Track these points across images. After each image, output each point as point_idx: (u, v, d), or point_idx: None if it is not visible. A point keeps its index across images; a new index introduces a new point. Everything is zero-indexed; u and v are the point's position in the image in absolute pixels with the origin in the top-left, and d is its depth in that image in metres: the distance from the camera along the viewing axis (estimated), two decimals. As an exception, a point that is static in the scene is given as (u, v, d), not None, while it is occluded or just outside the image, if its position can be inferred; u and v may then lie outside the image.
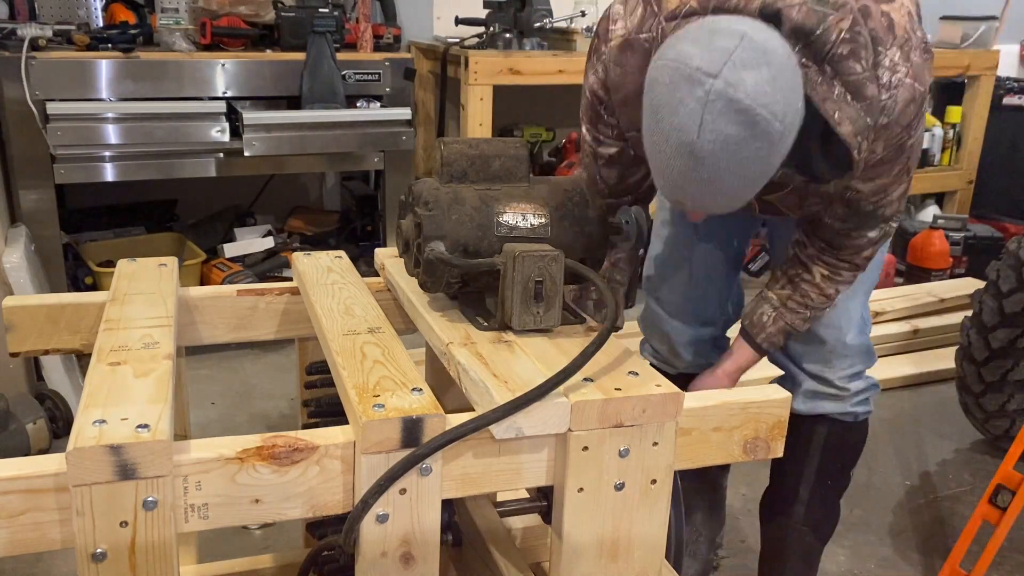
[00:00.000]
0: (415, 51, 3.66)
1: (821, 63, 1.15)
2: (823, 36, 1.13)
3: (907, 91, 1.23)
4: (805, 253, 1.51)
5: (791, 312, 1.54)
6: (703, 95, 1.04)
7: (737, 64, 1.04)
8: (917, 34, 1.25)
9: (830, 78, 1.15)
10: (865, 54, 1.16)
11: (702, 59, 1.04)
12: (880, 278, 1.76)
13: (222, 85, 2.93)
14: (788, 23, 1.13)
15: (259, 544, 2.13)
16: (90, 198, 3.38)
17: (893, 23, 1.22)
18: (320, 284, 1.40)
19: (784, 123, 1.07)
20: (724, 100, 1.03)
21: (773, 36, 1.10)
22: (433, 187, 1.23)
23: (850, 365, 1.68)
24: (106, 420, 0.93)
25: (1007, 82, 4.41)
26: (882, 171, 1.32)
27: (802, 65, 1.13)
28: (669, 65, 1.08)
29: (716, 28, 1.08)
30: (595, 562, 1.09)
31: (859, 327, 1.67)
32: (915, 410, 2.97)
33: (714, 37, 1.06)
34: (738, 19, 1.11)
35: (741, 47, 1.04)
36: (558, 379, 1.02)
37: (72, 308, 1.36)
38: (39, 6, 3.18)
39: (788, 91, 1.07)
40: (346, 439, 0.98)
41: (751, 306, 1.61)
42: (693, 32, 1.10)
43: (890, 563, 2.16)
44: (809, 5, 1.14)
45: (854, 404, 1.71)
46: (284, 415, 2.76)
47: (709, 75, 1.03)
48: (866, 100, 1.18)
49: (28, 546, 0.91)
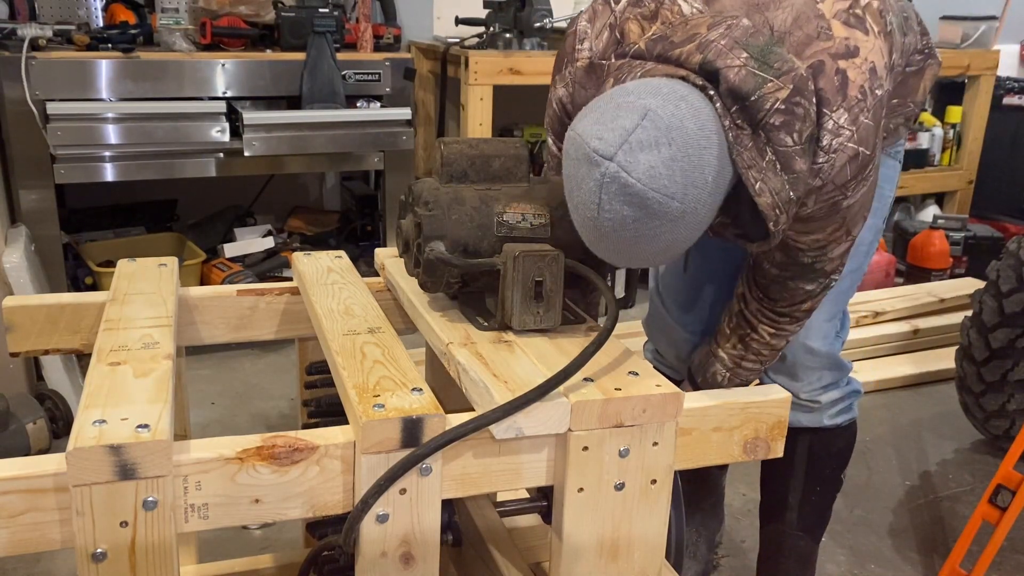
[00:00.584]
0: (415, 51, 3.65)
1: (756, 128, 1.11)
2: (757, 103, 1.09)
3: (847, 154, 1.18)
4: (749, 310, 1.48)
5: (746, 371, 1.52)
6: (599, 177, 1.03)
7: (633, 146, 1.02)
8: (876, 93, 1.19)
9: (763, 144, 1.11)
10: (800, 126, 1.12)
11: (600, 140, 1.03)
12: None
13: (222, 85, 2.93)
14: (725, 83, 1.09)
15: (259, 544, 2.13)
16: (90, 198, 3.38)
17: (847, 82, 1.17)
18: (320, 284, 1.40)
19: (684, 201, 1.04)
20: (617, 184, 1.02)
21: (687, 109, 1.06)
22: (433, 187, 1.23)
23: (818, 379, 1.66)
24: (106, 420, 0.93)
25: (1007, 82, 4.41)
26: (813, 227, 1.28)
27: (736, 127, 1.09)
28: (575, 140, 1.07)
29: (622, 104, 1.05)
30: (595, 562, 1.09)
31: (824, 338, 1.64)
32: (915, 410, 2.97)
33: (618, 114, 1.04)
34: (652, 89, 1.07)
35: (641, 127, 1.02)
36: (558, 379, 1.02)
37: (72, 308, 1.36)
38: (39, 6, 3.18)
39: (690, 169, 1.04)
40: (346, 439, 0.98)
41: (701, 360, 1.58)
42: (602, 105, 1.08)
43: (890, 563, 2.16)
44: (749, 68, 1.09)
45: (832, 416, 1.69)
46: (284, 415, 2.76)
47: (605, 157, 1.02)
48: (794, 173, 1.13)
49: (28, 546, 0.91)
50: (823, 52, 1.18)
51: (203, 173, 3.00)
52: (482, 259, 1.18)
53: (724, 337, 1.54)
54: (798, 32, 1.19)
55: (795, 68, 1.11)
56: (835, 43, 1.18)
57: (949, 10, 4.27)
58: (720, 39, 1.11)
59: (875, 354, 3.24)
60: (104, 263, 3.02)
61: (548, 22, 3.35)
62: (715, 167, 1.07)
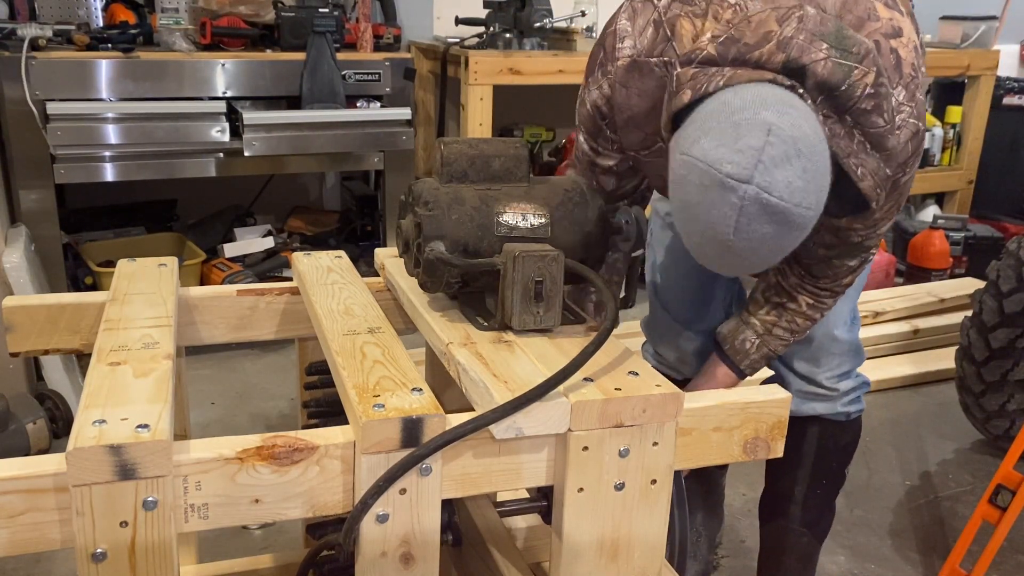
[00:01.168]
0: (415, 51, 3.66)
1: (842, 114, 1.11)
2: (848, 91, 1.09)
3: (909, 131, 1.21)
4: (788, 283, 1.48)
5: (775, 339, 1.52)
6: (737, 201, 1.01)
7: (767, 164, 1.00)
8: (922, 70, 1.23)
9: (850, 128, 1.12)
10: (887, 106, 1.13)
11: (731, 164, 1.01)
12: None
13: (222, 85, 2.93)
14: (813, 78, 1.08)
15: (259, 544, 2.13)
16: (90, 198, 3.38)
17: (900, 61, 1.20)
18: (320, 284, 1.40)
19: (817, 208, 1.05)
20: (758, 205, 1.01)
21: (798, 114, 1.05)
22: (433, 187, 1.23)
23: (838, 364, 1.68)
24: (106, 420, 0.93)
25: (1007, 82, 4.41)
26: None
27: (824, 117, 1.10)
28: (698, 166, 1.03)
29: (740, 122, 1.03)
30: (595, 562, 1.09)
31: (847, 325, 1.66)
32: (915, 410, 2.97)
33: (740, 134, 1.02)
34: (759, 100, 1.05)
35: (769, 143, 1.00)
36: (558, 379, 1.02)
37: (72, 308, 1.36)
38: (39, 6, 3.18)
39: (819, 175, 1.04)
40: (346, 439, 0.98)
41: (730, 329, 1.57)
42: (716, 125, 1.05)
43: (890, 563, 2.16)
44: (834, 59, 1.08)
45: (845, 404, 1.71)
46: (284, 415, 2.76)
47: (741, 181, 1.00)
48: (887, 151, 1.15)
49: (28, 546, 0.91)
50: (876, 32, 1.20)
51: (203, 173, 3.00)
52: (482, 259, 1.18)
53: (757, 304, 1.54)
54: (849, 15, 1.20)
55: (870, 49, 1.11)
56: (883, 23, 1.21)
57: (949, 10, 4.27)
58: (798, 34, 1.09)
59: (875, 354, 3.24)
60: (104, 263, 3.02)
61: (548, 22, 3.35)
62: (830, 166, 1.08)
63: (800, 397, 1.69)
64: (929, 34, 4.23)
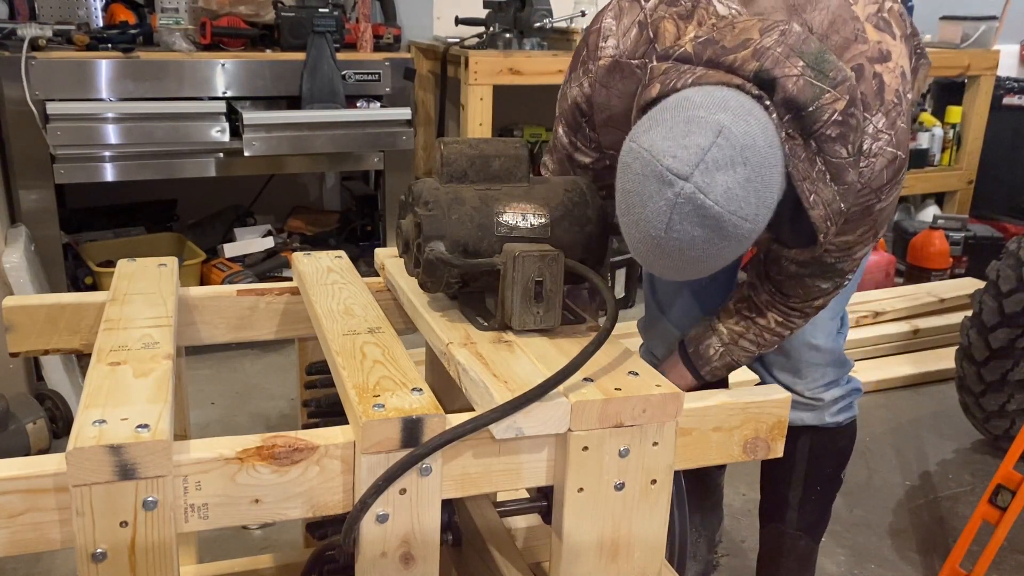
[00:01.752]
0: (415, 51, 3.66)
1: (807, 138, 1.08)
2: (815, 113, 1.06)
3: (886, 158, 1.19)
4: (759, 299, 1.46)
5: (740, 350, 1.50)
6: (672, 196, 1.00)
7: (709, 165, 0.98)
8: (908, 96, 1.20)
9: (813, 153, 1.09)
10: (853, 137, 1.10)
11: (674, 158, 0.99)
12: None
13: (222, 85, 2.93)
14: (782, 92, 1.06)
15: (259, 544, 2.13)
16: (90, 198, 3.38)
17: (884, 86, 1.17)
18: (320, 284, 1.40)
19: (755, 222, 1.03)
20: (692, 205, 0.99)
21: (756, 124, 1.03)
22: (433, 187, 1.23)
23: (821, 375, 1.65)
24: (106, 420, 0.93)
25: (1007, 82, 4.41)
26: (845, 229, 1.27)
27: (788, 136, 1.07)
28: (642, 155, 1.02)
29: (692, 118, 1.01)
30: (595, 562, 1.09)
31: (831, 334, 1.63)
32: (915, 410, 2.97)
33: (690, 130, 1.00)
34: (719, 103, 1.03)
35: (716, 145, 0.99)
36: (558, 379, 1.02)
37: (72, 308, 1.36)
38: (39, 6, 3.18)
39: (763, 188, 1.02)
40: (346, 439, 0.98)
41: (697, 333, 1.55)
42: (669, 118, 1.03)
43: (890, 563, 2.16)
44: (807, 78, 1.05)
45: (833, 413, 1.69)
46: (284, 415, 2.76)
47: (679, 177, 0.99)
48: (844, 184, 1.12)
49: (28, 546, 0.91)
50: (861, 56, 1.17)
51: (203, 173, 3.00)
52: (482, 259, 1.18)
53: (728, 313, 1.52)
54: (835, 36, 1.18)
55: (848, 77, 1.09)
56: (870, 47, 1.18)
57: (949, 10, 4.27)
58: (776, 46, 1.07)
59: (875, 354, 3.24)
60: (104, 263, 3.02)
61: (548, 22, 3.35)
62: (780, 184, 1.06)
63: None
64: (929, 34, 4.23)
